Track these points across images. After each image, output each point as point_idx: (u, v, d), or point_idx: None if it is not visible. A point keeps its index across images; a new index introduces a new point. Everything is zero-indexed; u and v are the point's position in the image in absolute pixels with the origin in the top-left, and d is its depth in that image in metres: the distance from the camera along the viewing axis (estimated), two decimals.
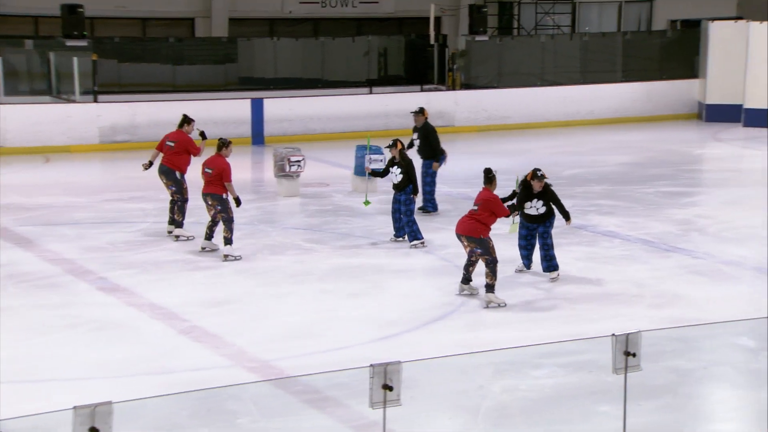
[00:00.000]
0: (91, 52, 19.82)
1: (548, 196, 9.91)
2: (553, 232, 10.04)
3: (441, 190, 14.75)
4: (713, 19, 22.91)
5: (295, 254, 11.03)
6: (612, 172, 16.53)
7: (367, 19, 27.56)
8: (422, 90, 23.10)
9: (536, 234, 9.99)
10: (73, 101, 19.66)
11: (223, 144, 10.97)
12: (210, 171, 10.72)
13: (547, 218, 9.93)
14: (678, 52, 23.74)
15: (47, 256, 10.76)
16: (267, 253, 11.09)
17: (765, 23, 21.20)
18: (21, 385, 7.24)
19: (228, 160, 10.84)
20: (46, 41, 21.29)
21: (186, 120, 12.02)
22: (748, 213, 13.28)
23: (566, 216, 9.93)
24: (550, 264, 9.96)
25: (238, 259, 10.58)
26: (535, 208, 9.88)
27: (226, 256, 10.60)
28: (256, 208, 13.58)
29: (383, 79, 23.95)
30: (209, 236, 10.94)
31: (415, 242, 11.20)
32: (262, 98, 20.37)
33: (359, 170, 14.51)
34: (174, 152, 11.72)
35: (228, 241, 10.64)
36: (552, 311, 9.08)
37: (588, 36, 24.11)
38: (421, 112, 12.96)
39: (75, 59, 19.62)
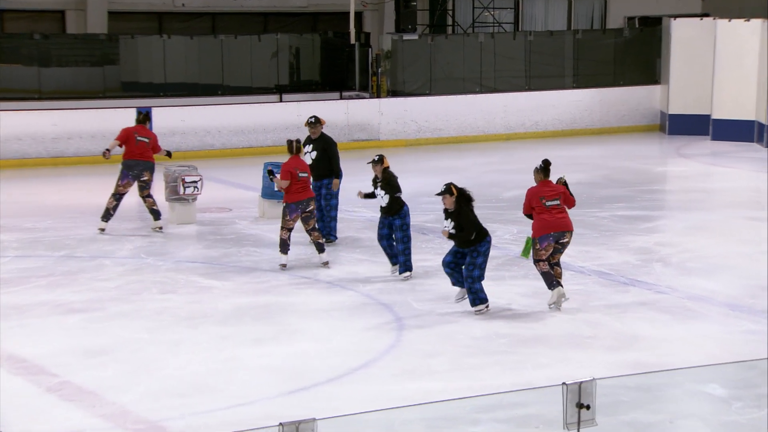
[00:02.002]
0: None
1: (460, 216, 10.06)
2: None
3: (363, 215, 14.81)
4: (676, 17, 23.64)
5: (190, 293, 10.94)
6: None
7: (275, 14, 27.64)
8: (341, 97, 23.24)
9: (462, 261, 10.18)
10: None
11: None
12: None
13: (471, 244, 10.07)
14: (636, 54, 24.44)
15: None
16: (155, 292, 10.97)
17: (734, 21, 21.93)
18: None
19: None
20: None
21: (146, 116, 14.00)
22: (717, 240, 13.68)
23: (462, 239, 10.04)
24: (475, 297, 10.15)
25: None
26: (447, 228, 10.11)
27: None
28: (143, 238, 13.42)
29: (295, 84, 24.02)
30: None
31: (408, 273, 11.36)
32: (150, 107, 20.19)
33: (267, 192, 14.48)
34: (150, 148, 13.59)
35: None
36: (492, 356, 9.18)
37: (533, 35, 24.63)
38: (317, 122, 13.09)
39: None
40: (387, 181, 11.31)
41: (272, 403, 8.05)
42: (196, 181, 13.96)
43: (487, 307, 10.21)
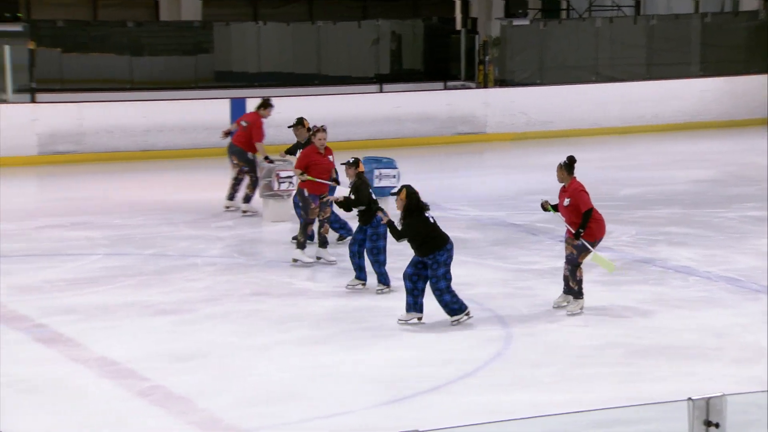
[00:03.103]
0: (27, 40, 20.00)
1: (410, 222, 9.89)
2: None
3: (467, 213, 14.78)
4: None
5: (282, 295, 11.09)
6: (683, 191, 16.55)
7: None
8: (445, 87, 23.23)
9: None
10: (5, 101, 19.84)
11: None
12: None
13: (430, 252, 9.87)
14: None
15: None
16: (247, 293, 11.15)
17: None
18: None
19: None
20: None
21: (265, 104, 14.74)
22: None
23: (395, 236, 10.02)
24: (448, 309, 9.96)
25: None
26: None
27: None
28: (234, 237, 13.65)
29: (396, 73, 24.08)
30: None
31: (381, 287, 11.13)
32: (244, 98, 20.51)
33: None
34: (246, 132, 14.49)
35: (300, 244, 12.11)
36: (604, 367, 9.09)
37: (656, 19, 24.24)
38: (300, 123, 13.20)
39: (7, 48, 19.82)
40: (356, 189, 11.02)
41: (369, 413, 8.11)
42: (290, 177, 14.11)
43: (467, 314, 10.01)
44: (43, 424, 7.85)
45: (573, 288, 10.28)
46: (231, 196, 14.79)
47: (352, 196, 11.06)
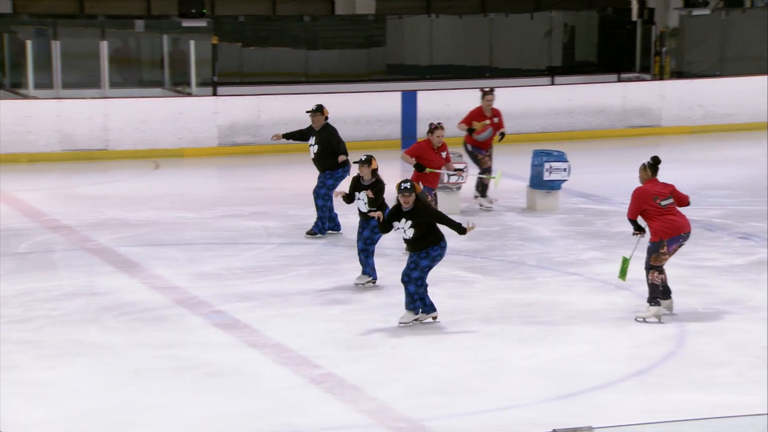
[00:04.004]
0: (210, 35, 20.60)
1: (422, 214, 9.60)
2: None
3: None
4: None
5: (452, 287, 11.10)
6: None
7: None
8: (619, 80, 22.79)
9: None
10: (189, 94, 20.52)
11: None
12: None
13: (422, 247, 9.60)
14: None
15: (153, 283, 11.27)
16: None
17: None
18: None
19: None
20: (159, 21, 22.32)
21: (486, 91, 14.49)
22: None
23: (458, 230, 9.65)
24: (409, 299, 9.66)
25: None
26: (402, 229, 9.64)
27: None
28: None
29: (569, 66, 23.78)
30: None
31: (363, 279, 10.95)
32: (415, 90, 20.64)
33: (536, 181, 14.46)
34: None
35: None
36: None
37: None
38: (319, 110, 12.91)
39: (192, 43, 20.47)
40: (378, 190, 10.61)
41: (539, 408, 8.05)
42: (461, 169, 14.12)
43: (416, 320, 9.65)
44: (224, 408, 8.08)
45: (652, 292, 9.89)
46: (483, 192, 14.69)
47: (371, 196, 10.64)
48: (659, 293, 9.90)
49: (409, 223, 9.63)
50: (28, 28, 21.55)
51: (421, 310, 9.82)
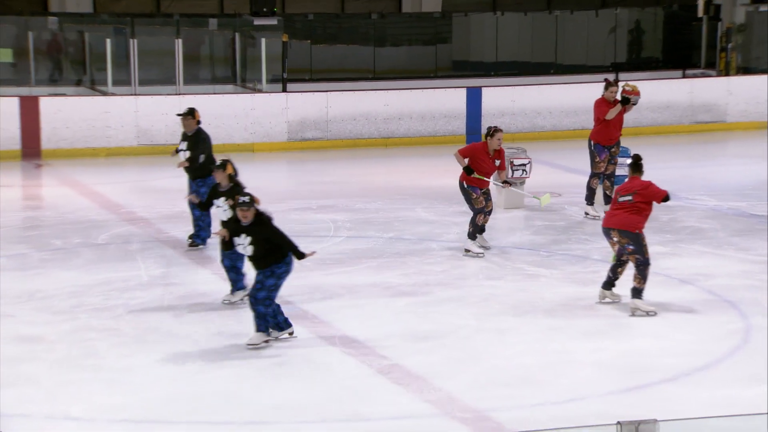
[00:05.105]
0: (281, 32, 20.78)
1: (261, 230, 8.87)
2: None
3: (707, 203, 14.29)
4: None
5: (516, 280, 11.08)
6: None
7: None
8: (684, 76, 22.50)
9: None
10: (259, 91, 20.72)
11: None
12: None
13: (265, 265, 8.92)
14: None
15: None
16: (481, 278, 11.21)
17: None
18: (176, 429, 7.65)
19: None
20: (232, 20, 22.55)
21: (608, 83, 13.63)
22: None
23: (296, 254, 8.89)
24: (259, 322, 8.97)
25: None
26: (242, 245, 8.95)
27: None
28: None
29: (634, 62, 23.54)
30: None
31: (238, 296, 10.27)
32: (480, 87, 20.60)
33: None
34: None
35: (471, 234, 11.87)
36: None
37: None
38: (191, 114, 12.13)
39: (263, 40, 20.67)
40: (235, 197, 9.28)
41: (604, 401, 7.99)
42: (524, 164, 14.06)
43: (266, 341, 9.00)
44: (295, 395, 8.15)
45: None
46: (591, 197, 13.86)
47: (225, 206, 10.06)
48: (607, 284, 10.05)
49: (249, 239, 8.91)
50: (107, 27, 21.89)
51: (272, 330, 9.13)
